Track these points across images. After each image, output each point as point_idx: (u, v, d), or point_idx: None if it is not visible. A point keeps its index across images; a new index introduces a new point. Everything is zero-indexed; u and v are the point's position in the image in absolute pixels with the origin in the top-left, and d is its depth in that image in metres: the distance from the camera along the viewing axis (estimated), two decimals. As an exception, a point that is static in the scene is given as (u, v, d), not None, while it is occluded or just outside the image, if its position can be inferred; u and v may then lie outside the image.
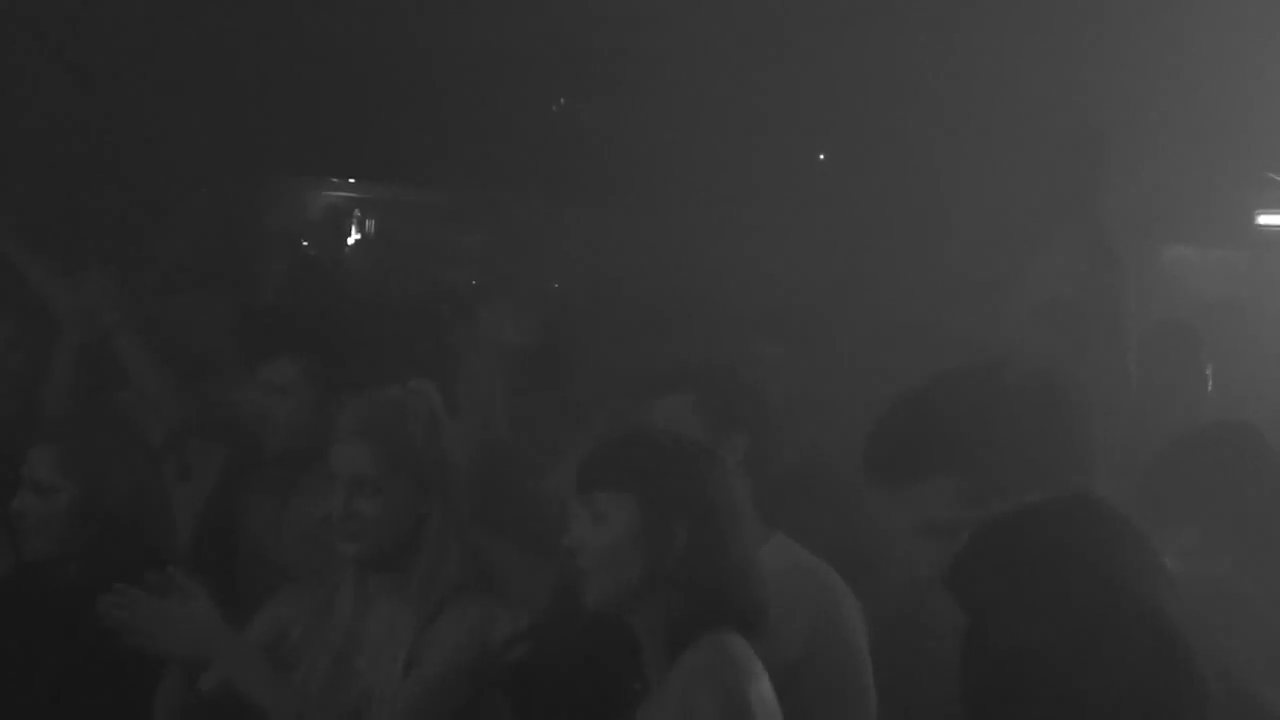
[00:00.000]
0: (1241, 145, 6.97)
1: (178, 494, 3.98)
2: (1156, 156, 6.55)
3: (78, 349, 4.65)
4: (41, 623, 3.51)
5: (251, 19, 7.12)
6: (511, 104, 8.25)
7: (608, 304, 5.99)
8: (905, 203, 6.82)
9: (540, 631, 2.94)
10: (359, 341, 4.90)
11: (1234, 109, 6.41)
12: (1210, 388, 5.18)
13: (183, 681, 3.14)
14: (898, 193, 6.96)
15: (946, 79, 6.64)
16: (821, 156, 8.08)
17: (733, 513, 2.73)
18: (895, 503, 2.54)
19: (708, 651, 2.59)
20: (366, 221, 10.51)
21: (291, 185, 9.90)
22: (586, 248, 8.19)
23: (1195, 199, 7.25)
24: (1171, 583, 2.13)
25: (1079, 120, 6.11)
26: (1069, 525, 2.18)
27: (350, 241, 10.31)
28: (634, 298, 6.00)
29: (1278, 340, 6.15)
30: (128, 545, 3.52)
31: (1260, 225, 7.89)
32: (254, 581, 3.95)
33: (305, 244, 9.15)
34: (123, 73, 7.11)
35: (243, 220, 7.88)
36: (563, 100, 8.28)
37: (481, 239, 9.89)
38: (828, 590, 3.22)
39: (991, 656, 2.12)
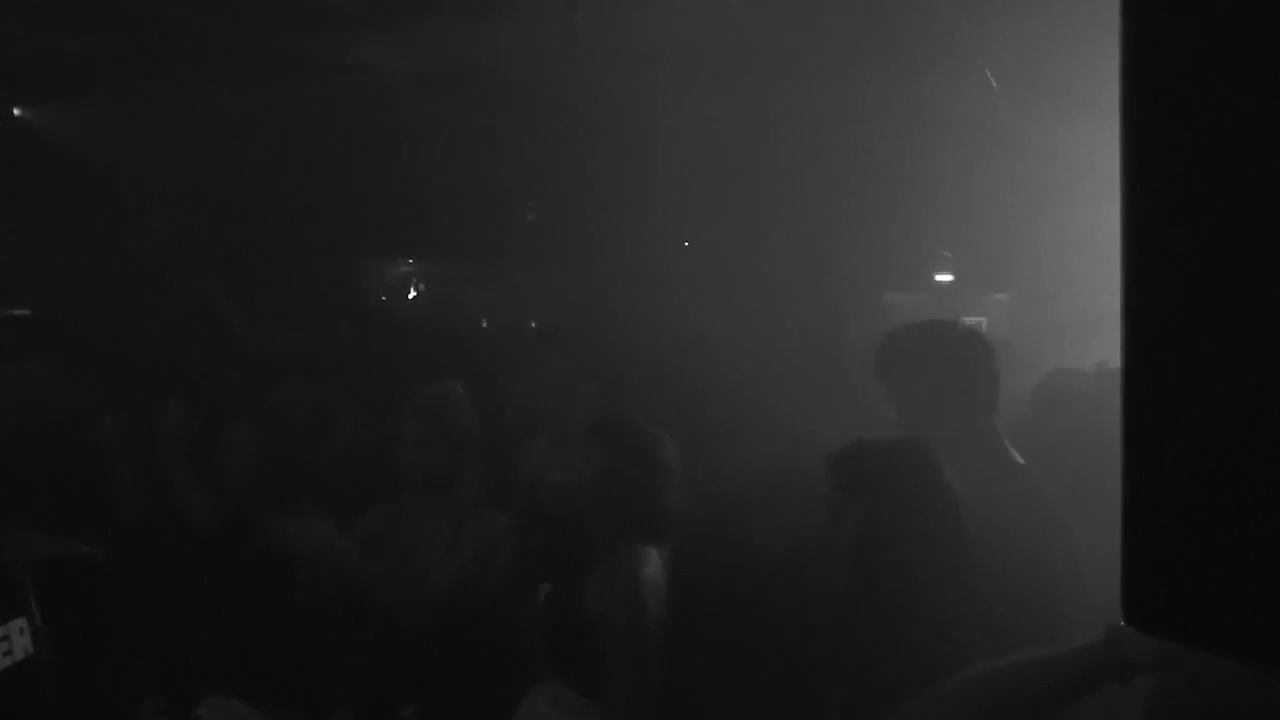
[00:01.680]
0: (925, 231, 7.03)
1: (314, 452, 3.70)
2: (879, 237, 6.64)
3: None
4: (238, 544, 3.39)
5: (349, 155, 7.03)
6: (503, 217, 8.10)
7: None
8: (721, 264, 6.67)
9: (576, 487, 2.83)
10: (412, 357, 4.70)
11: (925, 207, 6.38)
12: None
13: (309, 571, 3.16)
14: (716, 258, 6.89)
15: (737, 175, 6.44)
16: (686, 244, 7.90)
17: (667, 474, 2.76)
18: (885, 390, 2.70)
19: (629, 550, 2.68)
20: (419, 284, 10.32)
21: (374, 263, 9.85)
22: (555, 302, 7.89)
23: (900, 264, 7.47)
24: (955, 494, 2.15)
25: (817, 214, 6.17)
26: (924, 450, 2.20)
27: (410, 296, 10.17)
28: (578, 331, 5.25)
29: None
30: (290, 481, 3.43)
31: (937, 281, 8.24)
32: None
33: (383, 298, 9.39)
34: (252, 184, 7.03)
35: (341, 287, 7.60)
36: (533, 215, 8.32)
37: (492, 293, 9.57)
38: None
39: (873, 535, 2.11)
